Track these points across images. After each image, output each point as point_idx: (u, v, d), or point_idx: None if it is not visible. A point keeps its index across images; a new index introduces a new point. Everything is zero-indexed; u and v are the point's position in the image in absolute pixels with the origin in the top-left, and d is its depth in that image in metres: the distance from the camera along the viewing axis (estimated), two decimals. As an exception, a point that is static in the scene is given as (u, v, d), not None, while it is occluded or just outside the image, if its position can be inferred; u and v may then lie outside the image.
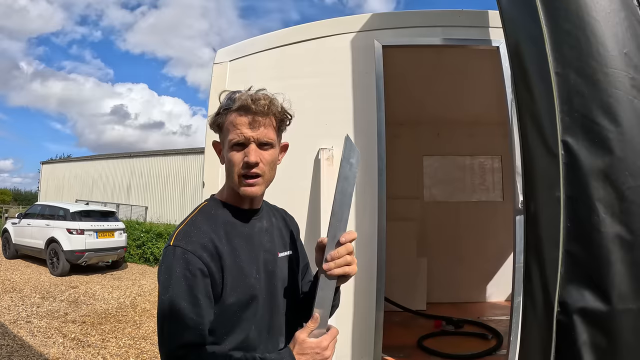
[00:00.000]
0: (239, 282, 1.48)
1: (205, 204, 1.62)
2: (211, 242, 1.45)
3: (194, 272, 1.39)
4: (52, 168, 36.51)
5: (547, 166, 1.73)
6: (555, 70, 1.74)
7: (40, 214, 14.05)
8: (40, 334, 7.13)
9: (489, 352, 3.97)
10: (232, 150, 1.52)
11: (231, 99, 1.53)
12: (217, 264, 1.44)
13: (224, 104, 1.54)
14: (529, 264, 1.84)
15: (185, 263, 1.39)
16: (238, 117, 1.51)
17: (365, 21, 3.16)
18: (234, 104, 1.51)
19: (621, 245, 1.58)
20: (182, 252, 1.41)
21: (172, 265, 1.40)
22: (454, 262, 5.78)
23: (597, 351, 1.57)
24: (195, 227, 1.48)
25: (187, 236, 1.45)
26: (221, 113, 1.55)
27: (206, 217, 1.54)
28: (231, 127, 1.52)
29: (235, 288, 1.47)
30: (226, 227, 1.53)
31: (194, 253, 1.40)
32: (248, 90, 1.57)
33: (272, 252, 1.65)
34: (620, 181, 1.60)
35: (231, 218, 1.57)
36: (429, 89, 4.89)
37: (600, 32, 1.71)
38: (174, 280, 1.39)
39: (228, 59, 3.31)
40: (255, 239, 1.60)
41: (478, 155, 6.08)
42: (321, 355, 1.44)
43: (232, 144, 1.52)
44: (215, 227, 1.50)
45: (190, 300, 1.38)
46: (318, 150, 3.02)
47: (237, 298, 1.47)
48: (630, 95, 1.66)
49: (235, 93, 1.55)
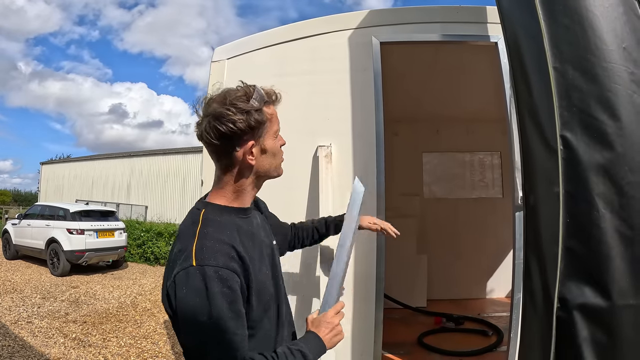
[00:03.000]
0: (260, 282, 1.52)
1: (204, 212, 1.55)
2: (235, 251, 1.44)
3: (232, 287, 1.37)
4: (52, 168, 36.46)
5: (546, 162, 1.72)
6: (553, 65, 1.73)
7: (40, 215, 14.03)
8: (41, 334, 7.13)
9: (489, 349, 3.97)
10: (277, 138, 1.63)
11: (263, 94, 1.56)
12: (246, 271, 1.45)
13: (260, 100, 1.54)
14: (528, 260, 1.83)
15: (220, 281, 1.35)
16: (274, 109, 1.62)
17: (363, 18, 3.15)
18: (269, 97, 1.58)
19: (621, 241, 1.57)
20: (214, 270, 1.36)
21: (205, 285, 1.34)
22: (454, 258, 5.78)
23: (597, 347, 1.57)
24: (213, 239, 1.44)
25: (211, 252, 1.40)
26: (258, 109, 1.53)
27: (216, 226, 1.50)
28: (275, 118, 1.61)
29: (259, 290, 1.50)
30: (237, 230, 1.53)
31: (226, 268, 1.38)
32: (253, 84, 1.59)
33: (270, 244, 1.71)
34: (619, 176, 1.60)
35: (236, 220, 1.57)
36: (427, 85, 4.88)
37: (598, 27, 1.71)
38: (212, 301, 1.33)
39: (226, 57, 3.30)
40: (256, 235, 1.63)
41: (477, 151, 6.07)
42: (331, 323, 1.59)
43: (277, 132, 1.63)
44: (230, 234, 1.49)
45: (234, 317, 1.36)
46: (317, 147, 3.01)
47: (259, 298, 1.50)
48: (629, 89, 1.65)
49: (257, 87, 1.56)
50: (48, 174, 35.97)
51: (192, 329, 1.36)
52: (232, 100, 1.50)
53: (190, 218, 1.56)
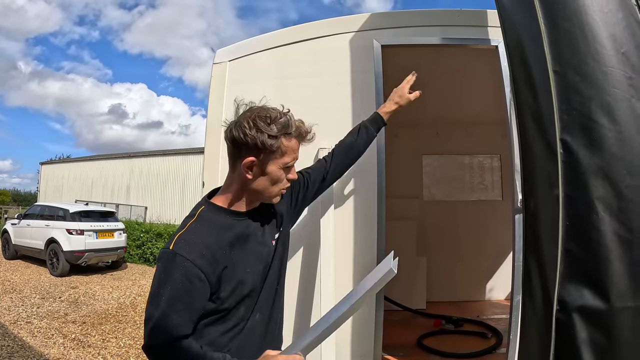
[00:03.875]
0: (235, 279, 1.62)
1: (203, 209, 1.72)
2: (208, 250, 1.56)
3: (192, 280, 1.51)
4: (52, 168, 36.47)
5: (546, 165, 1.74)
6: (553, 69, 1.74)
7: (39, 215, 14.05)
8: (41, 335, 7.14)
9: (488, 351, 3.97)
10: (283, 169, 1.71)
11: (290, 125, 1.68)
12: (215, 269, 1.56)
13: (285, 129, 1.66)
14: (528, 263, 1.84)
15: (184, 270, 1.50)
16: (297, 144, 1.73)
17: (364, 21, 3.16)
18: (293, 130, 1.69)
19: (620, 244, 1.58)
20: (182, 260, 1.51)
21: (172, 269, 1.51)
22: (454, 261, 5.78)
23: (596, 349, 1.58)
24: (195, 235, 1.60)
25: (187, 244, 1.55)
26: (277, 136, 1.65)
27: (205, 224, 1.66)
28: (290, 151, 1.70)
29: (230, 283, 1.61)
30: (226, 233, 1.66)
31: (193, 262, 1.51)
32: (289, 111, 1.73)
33: (267, 243, 1.82)
34: (618, 179, 1.61)
35: (230, 221, 1.71)
36: (428, 88, 4.86)
37: (598, 31, 1.72)
38: (172, 282, 1.50)
39: (227, 59, 3.31)
40: (251, 237, 1.75)
41: (477, 154, 6.08)
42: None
43: (286, 166, 1.71)
44: (213, 233, 1.63)
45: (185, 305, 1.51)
46: (317, 150, 3.02)
47: (230, 293, 1.61)
48: (628, 94, 1.67)
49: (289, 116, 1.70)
50: (47, 174, 36.00)
51: (149, 299, 1.53)
52: (256, 116, 1.66)
53: (192, 210, 1.73)
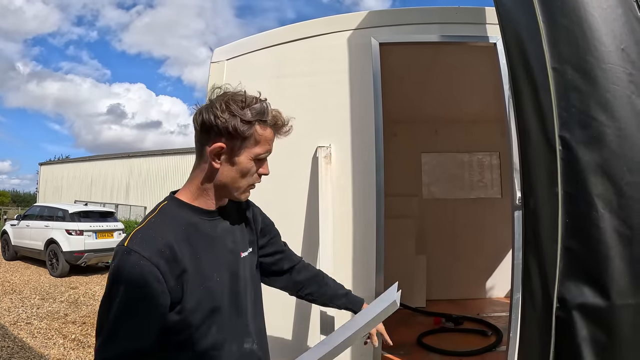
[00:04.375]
0: (199, 286, 1.46)
1: (165, 204, 1.57)
2: (169, 248, 1.40)
3: (148, 280, 1.34)
4: (51, 169, 36.49)
5: (545, 162, 1.73)
6: (552, 66, 1.74)
7: (39, 215, 14.04)
8: (41, 335, 7.13)
9: (488, 349, 3.97)
10: (254, 162, 1.56)
11: (264, 112, 1.52)
12: (175, 270, 1.40)
13: (257, 115, 1.51)
14: (527, 260, 1.84)
15: (139, 269, 1.34)
16: (272, 134, 1.57)
17: (362, 19, 3.15)
18: (266, 116, 1.53)
19: (620, 241, 1.58)
20: (137, 258, 1.35)
21: (125, 268, 1.35)
22: (453, 259, 5.78)
23: (597, 347, 1.57)
24: (154, 230, 1.44)
25: (144, 240, 1.40)
26: (251, 122, 1.51)
27: (166, 219, 1.50)
28: (264, 141, 1.55)
29: (195, 293, 1.44)
30: (188, 229, 1.50)
31: (149, 259, 1.35)
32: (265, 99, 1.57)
33: (235, 253, 1.65)
34: (618, 177, 1.60)
35: (193, 218, 1.55)
36: (426, 86, 4.89)
37: (597, 28, 1.71)
38: (126, 283, 1.34)
39: (225, 58, 3.31)
40: (217, 240, 1.59)
41: (476, 152, 6.08)
42: None
43: (258, 157, 1.55)
44: (175, 230, 1.47)
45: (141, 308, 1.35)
46: (316, 148, 3.02)
47: (197, 302, 1.45)
48: (627, 90, 1.66)
49: (265, 104, 1.55)
50: (47, 175, 36.01)
51: (100, 305, 1.39)
52: (230, 98, 1.52)
53: (155, 207, 1.58)
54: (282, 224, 2.95)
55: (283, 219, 3.04)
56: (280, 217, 2.73)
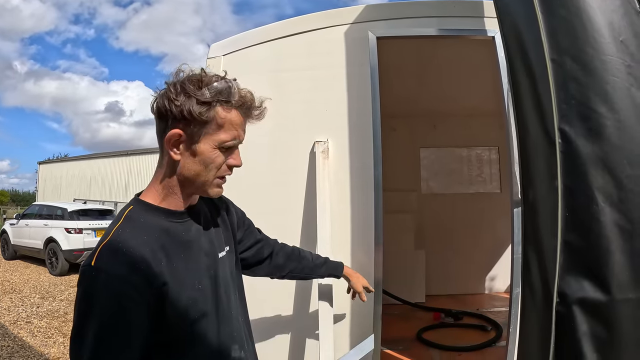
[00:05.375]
0: (181, 296, 1.30)
1: (131, 210, 1.37)
2: (143, 261, 1.23)
3: (123, 303, 1.18)
4: (49, 168, 36.41)
5: (545, 155, 1.72)
6: (551, 57, 1.72)
7: (38, 214, 14.03)
8: (41, 334, 7.13)
9: (488, 344, 3.96)
10: (219, 150, 1.35)
11: (230, 92, 1.32)
12: (152, 285, 1.23)
13: (219, 95, 1.31)
14: (527, 255, 1.83)
15: (111, 292, 1.18)
16: (238, 117, 1.36)
17: (360, 13, 3.13)
18: (233, 98, 1.32)
19: (620, 235, 1.57)
20: (106, 278, 1.18)
21: (95, 292, 1.19)
22: (452, 254, 5.77)
23: (597, 341, 1.56)
24: (123, 242, 1.25)
25: (113, 255, 1.22)
26: (211, 103, 1.31)
27: (134, 228, 1.31)
28: (229, 125, 1.34)
29: (177, 304, 1.28)
30: (161, 237, 1.32)
31: (121, 279, 1.18)
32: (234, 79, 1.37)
33: (213, 255, 1.49)
34: (618, 169, 1.59)
35: (166, 223, 1.36)
36: (424, 80, 4.87)
37: (596, 19, 1.70)
38: (96, 310, 1.17)
39: (222, 53, 3.28)
40: (193, 243, 1.42)
41: (475, 146, 6.06)
42: None
43: (222, 145, 1.35)
44: (147, 239, 1.29)
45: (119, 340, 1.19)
46: (313, 143, 3.00)
47: (180, 315, 1.30)
48: (627, 82, 1.65)
49: (231, 83, 1.34)
50: (45, 174, 35.94)
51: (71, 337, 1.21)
52: (185, 79, 1.33)
53: (119, 213, 1.39)
54: (279, 220, 2.94)
55: (280, 215, 3.03)
56: (277, 213, 2.72)
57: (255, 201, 1.87)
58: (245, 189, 1.78)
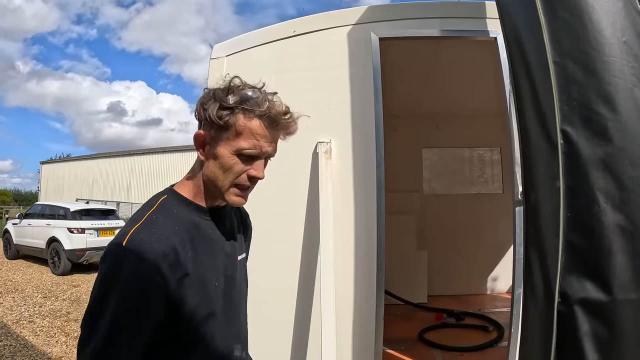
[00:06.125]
0: (199, 290, 1.34)
1: (164, 199, 1.42)
2: (173, 250, 1.28)
3: (148, 288, 1.22)
4: (52, 168, 36.53)
5: (547, 156, 1.72)
6: (553, 59, 1.72)
7: (40, 214, 14.05)
8: (43, 334, 7.14)
9: (490, 344, 3.97)
10: (237, 157, 1.37)
11: (255, 102, 1.35)
12: (177, 273, 1.27)
13: (242, 102, 1.35)
14: (529, 255, 1.83)
15: (137, 276, 1.21)
16: (262, 128, 1.36)
17: (362, 14, 3.14)
18: (257, 107, 1.34)
19: (622, 235, 1.57)
20: (135, 261, 1.21)
21: (120, 273, 1.21)
22: (454, 254, 5.78)
23: (598, 342, 1.57)
24: (156, 228, 1.29)
25: (146, 241, 1.25)
26: (233, 109, 1.34)
27: (168, 217, 1.36)
28: (248, 134, 1.35)
29: (195, 297, 1.32)
30: (191, 229, 1.38)
31: (149, 264, 1.22)
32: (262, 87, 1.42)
33: (233, 256, 1.55)
34: (620, 170, 1.59)
35: (196, 218, 1.42)
36: (427, 81, 4.88)
37: (598, 20, 1.70)
38: (118, 290, 1.20)
39: (225, 54, 3.29)
40: (218, 243, 1.48)
41: (477, 147, 6.07)
42: None
43: (241, 152, 1.37)
44: (178, 230, 1.34)
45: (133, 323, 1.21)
46: (316, 143, 3.01)
47: (195, 306, 1.33)
48: (629, 83, 1.65)
49: (258, 93, 1.38)
50: (48, 174, 36.07)
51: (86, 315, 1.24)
52: (218, 87, 1.39)
53: (151, 199, 1.43)
54: (282, 221, 2.95)
55: (283, 216, 3.04)
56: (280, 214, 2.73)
57: (258, 202, 1.87)
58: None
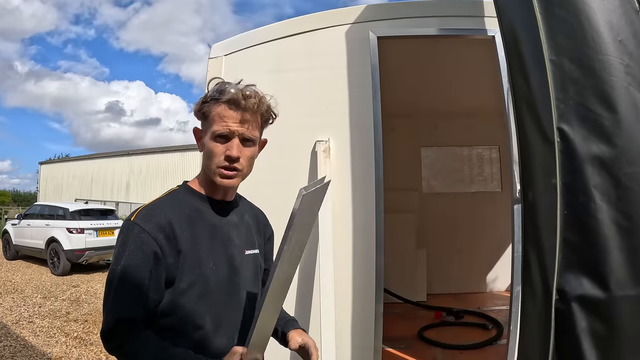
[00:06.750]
0: (194, 269, 1.49)
1: (175, 189, 1.64)
2: (169, 225, 1.46)
3: (147, 252, 1.42)
4: (51, 168, 36.48)
5: (544, 154, 1.73)
6: (550, 58, 1.73)
7: (39, 214, 14.00)
8: (43, 334, 7.13)
9: (489, 342, 3.99)
10: (215, 141, 1.53)
11: (220, 91, 1.53)
12: (173, 247, 1.45)
13: (213, 94, 1.54)
14: (527, 253, 1.84)
15: (140, 242, 1.42)
16: (227, 110, 1.52)
17: (360, 13, 3.15)
18: (222, 95, 1.52)
19: (618, 232, 1.58)
20: (139, 231, 1.43)
21: (128, 240, 1.44)
22: (454, 253, 5.80)
23: (596, 338, 1.58)
24: (158, 208, 1.51)
25: (148, 216, 1.47)
26: (208, 102, 1.54)
27: (172, 201, 1.56)
28: (217, 118, 1.52)
29: (190, 275, 1.47)
30: (191, 213, 1.55)
31: (149, 233, 1.43)
32: (238, 83, 1.57)
33: (239, 248, 1.64)
34: (616, 168, 1.61)
35: (199, 205, 1.59)
36: (425, 80, 4.88)
37: (594, 19, 1.71)
38: (126, 255, 1.42)
39: (223, 54, 3.30)
40: (221, 230, 1.60)
41: (476, 145, 6.08)
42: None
43: (216, 135, 1.52)
44: (178, 211, 1.52)
45: (137, 277, 1.41)
46: (315, 142, 3.01)
47: (189, 285, 1.47)
48: (625, 82, 1.66)
49: (225, 84, 1.55)
50: (47, 174, 36.00)
51: (110, 270, 1.46)
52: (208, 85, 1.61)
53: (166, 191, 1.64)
54: (280, 219, 2.94)
55: (282, 214, 3.03)
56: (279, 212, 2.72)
57: (256, 201, 1.88)
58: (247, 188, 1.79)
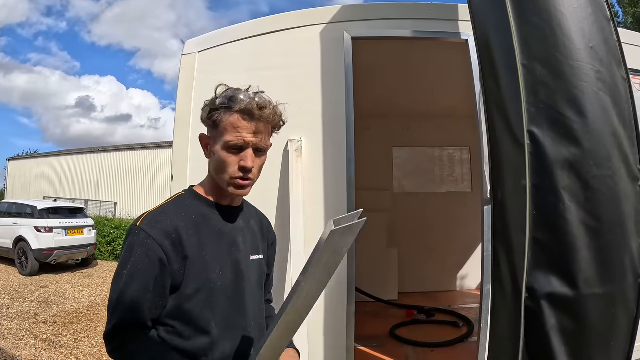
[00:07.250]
0: (200, 275, 1.47)
1: (181, 194, 1.62)
2: (176, 232, 1.45)
3: (152, 258, 1.41)
4: (19, 164, 35.64)
5: (514, 156, 1.76)
6: (522, 62, 1.77)
7: (7, 213, 13.65)
8: (11, 336, 6.97)
9: (460, 340, 4.03)
10: (228, 152, 1.50)
11: (232, 98, 1.49)
12: (179, 254, 1.44)
13: (223, 101, 1.49)
14: (497, 252, 1.87)
15: (146, 248, 1.41)
16: (241, 121, 1.49)
17: (335, 13, 3.15)
18: (235, 104, 1.48)
19: (587, 232, 1.62)
20: (145, 237, 1.42)
21: (134, 246, 1.43)
22: (425, 252, 5.85)
23: (565, 335, 1.62)
24: (165, 214, 1.49)
25: (154, 221, 1.46)
26: (219, 110, 1.50)
27: (178, 206, 1.54)
28: (231, 128, 1.49)
29: (196, 281, 1.46)
30: (197, 218, 1.53)
31: (155, 240, 1.42)
32: (247, 90, 1.54)
33: (245, 253, 1.63)
34: (585, 170, 1.65)
35: (205, 210, 1.57)
36: (399, 81, 4.91)
37: (566, 26, 1.75)
38: (132, 260, 1.42)
39: (197, 50, 3.27)
40: (227, 235, 1.58)
41: (447, 147, 6.15)
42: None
43: (230, 146, 1.49)
44: (185, 217, 1.50)
45: (142, 283, 1.40)
46: (287, 141, 3.01)
47: (195, 291, 1.46)
48: (595, 87, 1.70)
49: (237, 92, 1.51)
50: (15, 171, 35.15)
51: (115, 274, 1.45)
52: (214, 96, 1.55)
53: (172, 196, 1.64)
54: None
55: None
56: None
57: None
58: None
